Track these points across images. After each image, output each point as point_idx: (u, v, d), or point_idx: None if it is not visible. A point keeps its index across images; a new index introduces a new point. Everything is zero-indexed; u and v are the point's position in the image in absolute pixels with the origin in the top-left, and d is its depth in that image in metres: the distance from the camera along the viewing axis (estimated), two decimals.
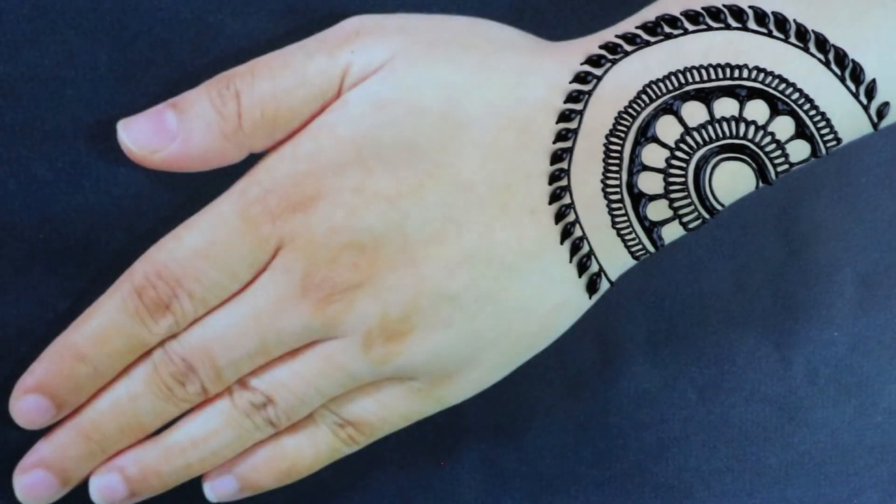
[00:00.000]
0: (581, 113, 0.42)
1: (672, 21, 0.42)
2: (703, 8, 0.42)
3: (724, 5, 0.42)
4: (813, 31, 0.41)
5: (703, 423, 0.54)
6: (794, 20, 0.41)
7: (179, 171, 0.43)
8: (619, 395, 0.53)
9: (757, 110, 0.42)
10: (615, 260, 0.44)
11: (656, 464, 0.54)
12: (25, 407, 0.44)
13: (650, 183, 0.42)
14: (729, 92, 0.42)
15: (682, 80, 0.42)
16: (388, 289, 0.42)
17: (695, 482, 0.54)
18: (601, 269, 0.44)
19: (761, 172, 0.43)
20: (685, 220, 0.43)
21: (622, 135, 0.42)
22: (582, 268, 0.43)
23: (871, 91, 0.42)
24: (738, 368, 0.53)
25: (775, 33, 0.42)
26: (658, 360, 0.53)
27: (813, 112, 0.42)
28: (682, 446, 0.54)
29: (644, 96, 0.42)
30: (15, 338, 0.46)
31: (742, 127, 0.42)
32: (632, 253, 0.43)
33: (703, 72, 0.42)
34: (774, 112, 0.42)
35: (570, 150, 0.42)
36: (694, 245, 0.52)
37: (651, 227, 0.43)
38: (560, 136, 0.42)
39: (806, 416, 0.54)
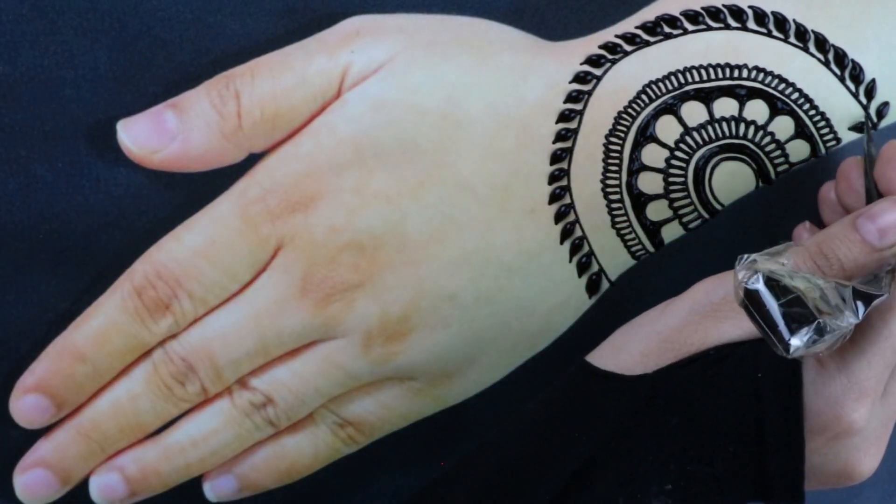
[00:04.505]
0: (581, 113, 0.42)
1: (672, 21, 0.42)
2: (702, 8, 0.42)
3: (724, 5, 0.42)
4: (812, 30, 0.41)
5: None
6: (794, 20, 0.42)
7: (179, 171, 0.43)
8: None
9: (757, 110, 0.42)
10: (615, 260, 0.44)
11: None
12: (25, 406, 0.44)
13: (650, 183, 0.42)
14: (729, 92, 0.42)
15: (682, 80, 0.42)
16: (387, 289, 0.42)
17: None
18: (601, 269, 0.44)
19: (761, 172, 0.43)
20: (685, 219, 0.43)
21: (622, 135, 0.42)
22: (582, 268, 0.43)
23: (870, 91, 0.42)
24: None
25: (775, 33, 0.42)
26: None
27: (812, 112, 0.42)
28: None
29: (644, 96, 0.42)
30: (15, 338, 0.46)
31: (742, 127, 0.42)
32: (632, 253, 0.44)
33: (703, 72, 0.42)
34: (774, 112, 0.42)
35: (569, 150, 0.42)
36: (694, 245, 0.52)
37: (651, 227, 0.43)
38: (560, 136, 0.42)
39: None
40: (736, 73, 0.42)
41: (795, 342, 0.33)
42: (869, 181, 0.38)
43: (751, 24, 0.42)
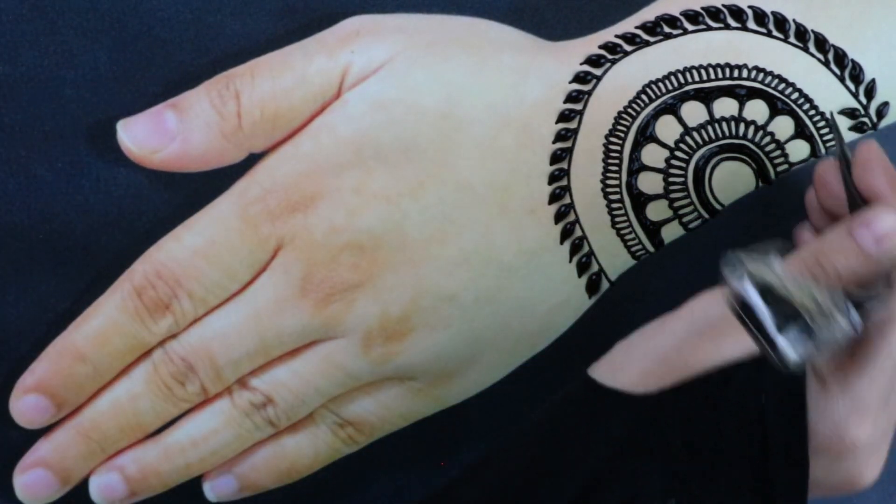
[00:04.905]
0: (581, 113, 0.42)
1: (671, 21, 0.42)
2: (702, 8, 0.42)
3: (724, 5, 0.42)
4: (812, 30, 0.41)
5: None
6: (794, 20, 0.42)
7: (179, 171, 0.43)
8: None
9: (756, 110, 0.42)
10: (615, 260, 0.44)
11: None
12: (25, 406, 0.44)
13: (650, 183, 0.42)
14: (728, 92, 0.42)
15: (682, 80, 0.42)
16: (387, 289, 0.42)
17: None
18: (601, 269, 0.44)
19: (761, 172, 0.43)
20: (685, 219, 0.43)
21: (622, 135, 0.42)
22: (582, 268, 0.43)
23: (870, 91, 0.42)
24: None
25: (775, 33, 0.42)
26: None
27: (812, 112, 0.42)
28: None
29: (644, 96, 0.42)
30: (15, 338, 0.46)
31: (742, 127, 0.42)
32: (632, 253, 0.44)
33: (703, 72, 0.42)
34: (774, 112, 0.42)
35: (569, 150, 0.42)
36: (694, 245, 0.52)
37: (651, 227, 0.43)
38: (560, 136, 0.42)
39: None
40: (736, 73, 0.42)
41: (783, 343, 0.33)
42: (849, 185, 0.38)
43: (751, 24, 0.42)
